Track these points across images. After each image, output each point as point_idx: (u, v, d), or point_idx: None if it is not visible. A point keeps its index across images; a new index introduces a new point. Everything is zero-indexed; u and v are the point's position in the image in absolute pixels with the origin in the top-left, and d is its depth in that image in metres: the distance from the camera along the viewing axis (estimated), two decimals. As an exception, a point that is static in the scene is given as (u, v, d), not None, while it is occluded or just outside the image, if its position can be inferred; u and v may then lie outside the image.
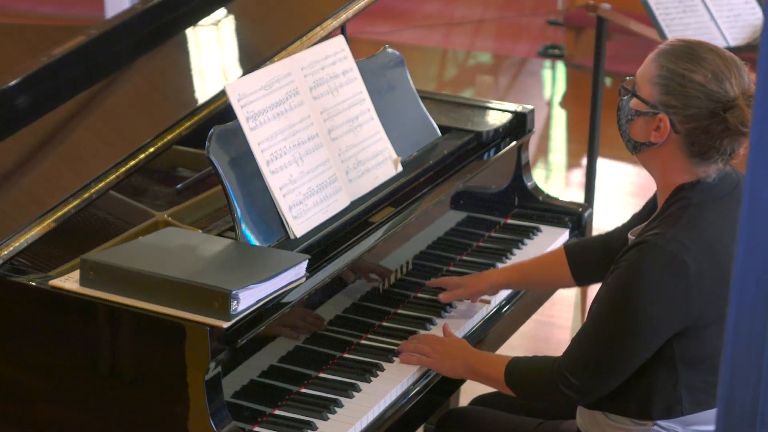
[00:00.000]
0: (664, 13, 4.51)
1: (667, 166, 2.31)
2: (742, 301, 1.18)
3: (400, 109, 2.96)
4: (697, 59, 2.25)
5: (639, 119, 2.31)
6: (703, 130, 2.24)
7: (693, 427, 2.32)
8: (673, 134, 2.26)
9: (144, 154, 2.59)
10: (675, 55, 2.27)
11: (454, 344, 2.56)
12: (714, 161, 2.27)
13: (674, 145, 2.28)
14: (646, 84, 2.30)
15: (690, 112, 2.23)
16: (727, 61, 2.25)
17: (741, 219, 1.17)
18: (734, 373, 1.21)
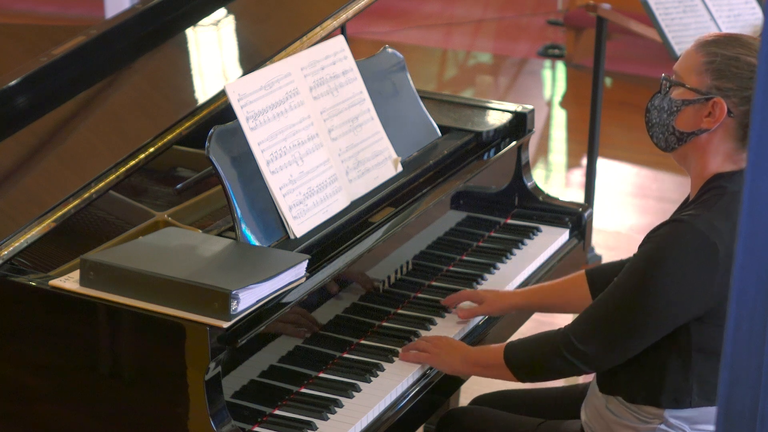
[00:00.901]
0: (664, 13, 4.51)
1: (709, 154, 2.30)
2: (742, 301, 1.18)
3: (400, 109, 2.96)
4: (745, 44, 2.27)
5: (687, 109, 2.30)
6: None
7: (699, 426, 2.32)
8: (726, 118, 2.26)
9: (144, 154, 2.59)
10: (722, 42, 2.28)
11: (451, 341, 2.57)
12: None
13: (725, 131, 2.27)
14: (691, 75, 2.29)
15: (747, 93, 2.24)
16: None
17: (741, 219, 1.17)
18: (734, 373, 1.21)
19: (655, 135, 2.36)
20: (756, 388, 1.20)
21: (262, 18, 3.30)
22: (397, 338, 2.65)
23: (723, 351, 1.21)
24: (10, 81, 2.70)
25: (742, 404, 1.21)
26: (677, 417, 2.31)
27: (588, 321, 2.31)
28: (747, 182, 1.16)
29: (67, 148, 2.68)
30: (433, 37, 8.51)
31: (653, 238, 2.26)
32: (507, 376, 2.43)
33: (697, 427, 2.32)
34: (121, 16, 3.02)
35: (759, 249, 1.16)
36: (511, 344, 2.44)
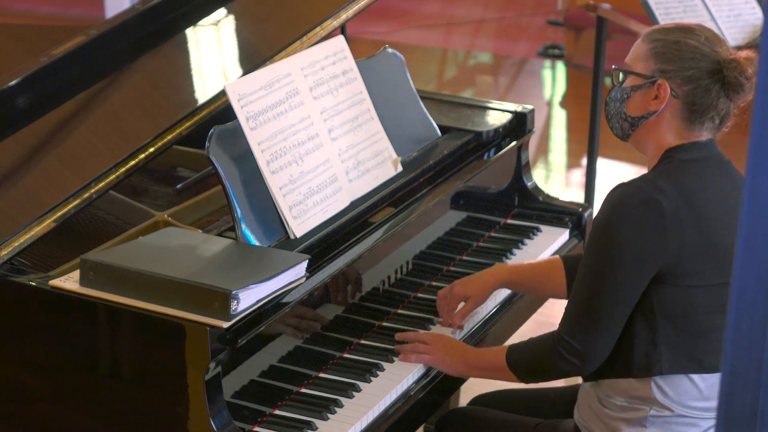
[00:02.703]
0: (664, 13, 4.51)
1: (660, 134, 2.39)
2: (742, 301, 1.18)
3: (400, 109, 2.96)
4: (687, 29, 2.37)
5: (636, 94, 2.39)
6: (703, 89, 2.34)
7: (688, 404, 2.33)
8: (671, 99, 2.35)
9: (144, 154, 2.59)
10: (665, 29, 2.39)
11: (451, 341, 2.57)
12: (710, 123, 2.36)
13: (672, 110, 2.36)
14: (638, 62, 2.39)
15: (688, 73, 2.33)
16: (714, 33, 2.38)
17: (741, 219, 1.17)
18: (734, 373, 1.21)
19: (613, 126, 2.46)
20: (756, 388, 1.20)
21: (262, 18, 3.30)
22: (397, 338, 2.65)
23: (723, 351, 1.21)
24: (10, 81, 2.70)
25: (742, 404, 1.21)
26: (659, 392, 2.32)
27: (571, 315, 2.36)
28: (747, 182, 1.16)
29: (67, 148, 2.68)
30: (433, 37, 8.51)
31: (600, 208, 2.36)
32: (508, 377, 2.45)
33: (688, 404, 2.33)
34: (121, 16, 3.02)
35: (759, 249, 1.16)
36: (513, 347, 2.46)
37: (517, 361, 2.43)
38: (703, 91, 2.33)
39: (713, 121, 2.36)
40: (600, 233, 2.33)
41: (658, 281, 2.30)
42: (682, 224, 2.28)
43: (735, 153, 6.11)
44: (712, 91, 2.33)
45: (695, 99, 2.34)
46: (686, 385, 2.34)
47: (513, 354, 2.44)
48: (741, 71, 2.30)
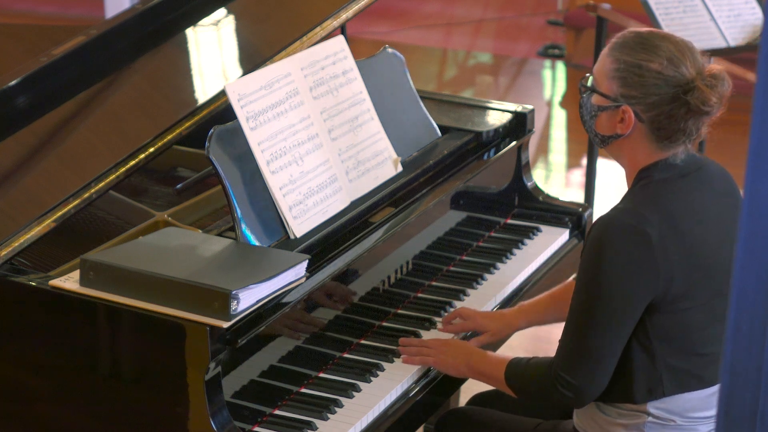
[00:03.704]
0: (664, 13, 4.51)
1: (634, 153, 2.37)
2: (742, 301, 1.18)
3: (400, 109, 2.96)
4: (650, 48, 2.31)
5: (602, 114, 2.37)
6: (666, 115, 2.30)
7: (690, 414, 2.33)
8: (638, 123, 2.32)
9: (144, 154, 2.59)
10: (629, 47, 2.33)
11: (456, 343, 2.57)
12: (681, 143, 2.33)
13: (640, 134, 2.33)
14: (604, 79, 2.35)
15: (651, 99, 2.30)
16: (680, 46, 2.32)
17: (741, 219, 1.17)
18: (734, 373, 1.21)
19: (587, 133, 2.45)
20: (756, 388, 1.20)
21: (262, 18, 3.30)
22: (397, 338, 2.65)
23: (723, 351, 1.21)
24: (10, 81, 2.70)
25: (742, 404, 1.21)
26: (659, 408, 2.32)
27: (566, 350, 2.33)
28: (747, 183, 1.16)
29: (67, 148, 2.68)
30: (433, 37, 8.51)
31: (586, 242, 2.31)
32: (506, 390, 2.44)
33: (689, 415, 2.33)
34: (121, 16, 3.02)
35: (759, 249, 1.16)
36: (513, 366, 2.42)
37: (515, 383, 2.42)
38: (667, 117, 2.29)
39: (683, 144, 2.33)
40: (589, 270, 2.29)
41: (651, 309, 2.28)
42: (669, 251, 2.25)
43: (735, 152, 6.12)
44: (677, 116, 2.29)
45: (660, 124, 2.30)
46: (687, 400, 2.33)
47: (512, 374, 2.42)
48: (703, 100, 2.27)
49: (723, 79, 2.30)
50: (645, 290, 2.26)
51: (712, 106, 2.28)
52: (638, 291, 2.26)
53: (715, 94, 2.28)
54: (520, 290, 2.97)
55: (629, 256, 2.24)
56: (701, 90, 2.26)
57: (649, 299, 2.27)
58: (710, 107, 2.28)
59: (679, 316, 2.29)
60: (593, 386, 2.31)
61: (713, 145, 2.75)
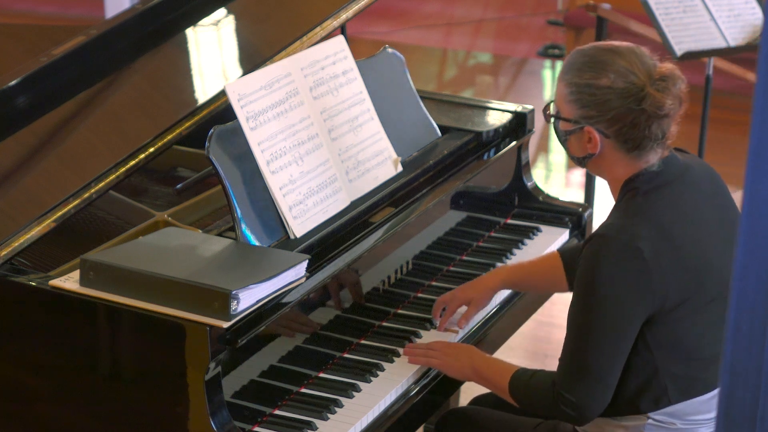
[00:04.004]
0: (664, 13, 4.51)
1: (612, 168, 2.38)
2: (742, 301, 1.18)
3: (400, 109, 2.96)
4: (596, 65, 2.31)
5: (571, 138, 2.39)
6: (628, 126, 2.30)
7: (691, 417, 2.33)
8: (604, 140, 2.33)
9: (144, 154, 2.59)
10: (576, 68, 2.34)
11: (461, 347, 2.57)
12: (651, 149, 2.33)
13: (610, 149, 2.34)
14: (563, 105, 2.37)
15: (609, 115, 2.30)
16: (625, 55, 2.32)
17: (741, 219, 1.17)
18: (734, 373, 1.21)
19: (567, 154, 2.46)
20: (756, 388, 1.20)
21: (262, 18, 3.30)
22: (397, 338, 2.65)
23: (723, 351, 1.21)
24: (10, 81, 2.70)
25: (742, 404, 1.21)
26: (660, 413, 2.32)
27: (566, 370, 2.32)
28: (747, 183, 1.16)
29: (67, 148, 2.68)
30: (433, 37, 8.51)
31: (581, 261, 2.30)
32: (510, 400, 2.44)
33: (689, 419, 2.33)
34: (121, 16, 3.02)
35: (759, 249, 1.16)
36: (516, 379, 2.42)
37: (518, 395, 2.41)
38: (630, 127, 2.30)
39: (654, 150, 2.33)
40: (585, 290, 2.28)
41: (649, 322, 2.28)
42: (663, 264, 2.24)
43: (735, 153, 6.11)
44: (639, 124, 2.29)
45: (626, 136, 2.31)
46: (689, 404, 2.33)
47: (515, 387, 2.41)
48: (658, 105, 2.27)
49: (674, 77, 2.30)
50: (642, 307, 2.25)
51: (668, 108, 2.28)
52: (635, 308, 2.25)
53: (669, 95, 2.28)
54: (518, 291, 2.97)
55: (624, 275, 2.24)
56: (653, 96, 2.27)
57: (646, 315, 2.27)
58: (667, 110, 2.28)
59: (678, 323, 2.29)
60: (595, 404, 2.30)
61: (713, 145, 2.76)
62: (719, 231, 2.37)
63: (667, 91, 2.28)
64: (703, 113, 4.62)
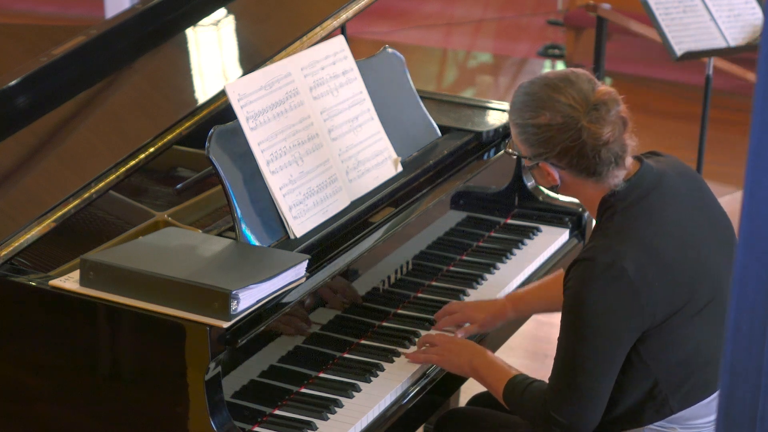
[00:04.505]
0: (664, 13, 4.51)
1: (581, 193, 2.38)
2: (742, 301, 1.18)
3: (400, 109, 2.96)
4: (533, 104, 2.31)
5: (534, 172, 2.39)
6: (577, 156, 2.29)
7: (691, 422, 2.33)
8: (561, 171, 2.33)
9: (144, 154, 2.59)
10: (518, 108, 2.35)
11: (462, 342, 2.57)
12: (610, 171, 2.31)
13: (571, 178, 2.34)
14: (518, 143, 2.38)
15: (556, 151, 2.30)
16: (560, 87, 2.30)
17: (741, 219, 1.17)
18: (734, 373, 1.21)
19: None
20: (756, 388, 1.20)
21: (262, 18, 3.30)
22: (397, 338, 2.65)
23: (723, 351, 1.21)
24: (10, 81, 2.70)
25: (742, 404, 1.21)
26: (670, 420, 2.33)
27: (554, 389, 2.31)
28: (747, 182, 1.16)
29: (67, 148, 2.68)
30: (433, 37, 8.51)
31: (567, 286, 2.29)
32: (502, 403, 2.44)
33: (688, 423, 2.33)
34: (121, 16, 3.02)
35: (759, 249, 1.16)
36: (511, 387, 2.41)
37: (511, 403, 2.41)
38: (579, 157, 2.29)
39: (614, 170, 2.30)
40: (572, 313, 2.27)
41: (642, 340, 2.27)
42: (649, 280, 2.23)
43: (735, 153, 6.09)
44: (587, 154, 2.28)
45: (579, 166, 2.30)
46: (690, 410, 2.33)
47: (509, 394, 2.40)
48: (595, 137, 2.26)
49: (609, 103, 2.28)
50: (632, 327, 2.24)
51: (606, 136, 2.26)
52: (624, 329, 2.24)
53: (605, 124, 2.26)
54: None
55: (611, 297, 2.22)
56: (588, 128, 2.26)
57: (638, 333, 2.26)
58: (606, 138, 2.26)
59: (672, 334, 2.27)
60: (584, 424, 2.30)
61: (713, 145, 2.76)
62: (708, 231, 2.35)
63: (602, 120, 2.26)
64: (703, 113, 4.62)
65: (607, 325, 2.23)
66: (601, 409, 2.29)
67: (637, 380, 2.30)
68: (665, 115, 6.69)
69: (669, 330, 2.27)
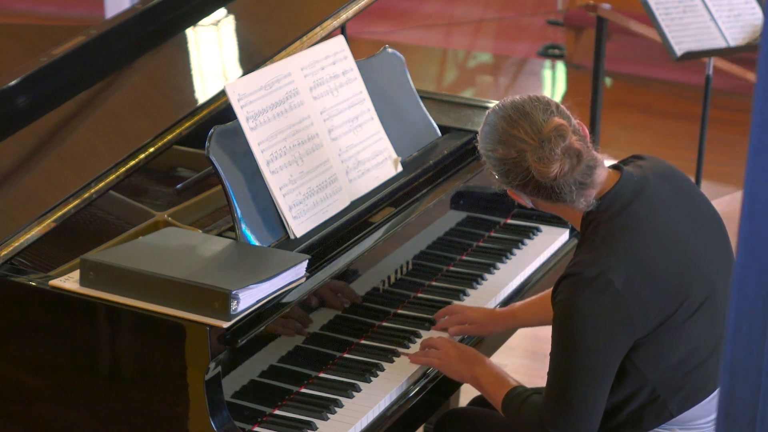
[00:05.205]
0: (664, 13, 4.51)
1: (557, 211, 2.36)
2: (742, 301, 1.18)
3: (400, 109, 2.96)
4: (492, 135, 2.31)
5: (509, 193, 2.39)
6: (537, 187, 2.28)
7: (690, 422, 2.33)
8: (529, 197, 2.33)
9: (144, 154, 2.59)
10: (482, 137, 2.35)
11: (465, 350, 2.55)
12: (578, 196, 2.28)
13: (541, 201, 2.33)
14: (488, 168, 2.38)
15: (516, 182, 2.30)
16: (513, 121, 2.28)
17: (741, 219, 1.17)
18: (734, 373, 1.21)
19: None
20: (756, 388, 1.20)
21: (262, 18, 3.30)
22: (397, 338, 2.65)
23: (723, 351, 1.21)
24: (10, 81, 2.71)
25: (742, 404, 1.21)
26: (670, 422, 2.32)
27: (548, 403, 2.30)
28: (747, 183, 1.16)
29: (67, 148, 2.68)
30: (433, 37, 8.51)
31: (555, 301, 2.28)
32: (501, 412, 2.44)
33: (688, 424, 2.33)
34: (121, 16, 3.02)
35: (759, 249, 1.16)
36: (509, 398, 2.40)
37: (509, 415, 2.40)
38: (537, 188, 2.27)
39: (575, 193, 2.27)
40: (562, 329, 2.26)
41: (634, 348, 2.26)
42: (638, 290, 2.22)
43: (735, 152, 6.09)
44: (544, 185, 2.26)
45: (543, 194, 2.28)
46: (689, 412, 2.33)
47: (507, 405, 2.40)
48: (543, 174, 2.24)
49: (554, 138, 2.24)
50: (622, 339, 2.23)
51: (553, 174, 2.24)
52: (615, 342, 2.23)
53: (551, 162, 2.23)
54: (520, 290, 2.97)
55: (599, 311, 2.21)
56: (535, 168, 2.24)
57: (629, 344, 2.25)
58: (554, 174, 2.24)
59: (665, 339, 2.27)
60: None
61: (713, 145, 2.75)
62: (696, 231, 2.33)
63: (546, 159, 2.23)
64: (703, 113, 4.62)
65: (598, 338, 2.22)
66: (596, 420, 2.28)
67: (633, 388, 2.30)
68: (665, 115, 6.69)
69: (663, 336, 2.26)
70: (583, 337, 2.22)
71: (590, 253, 2.26)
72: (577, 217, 2.33)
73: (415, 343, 2.65)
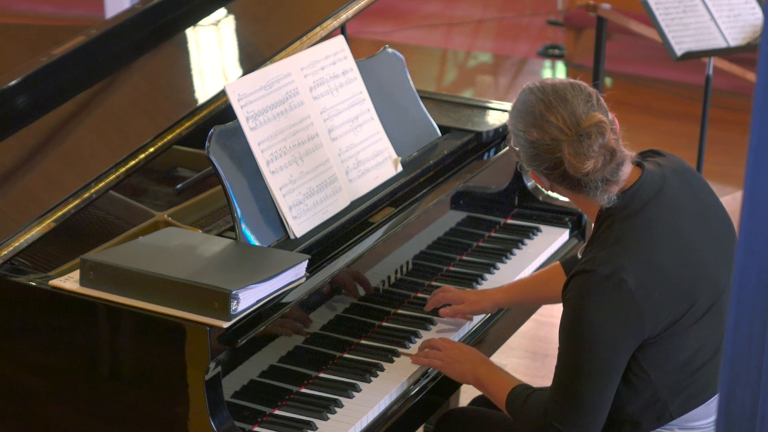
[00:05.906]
0: (664, 13, 4.51)
1: (574, 200, 2.35)
2: (742, 301, 1.18)
3: (400, 109, 2.96)
4: (527, 117, 2.27)
5: (530, 172, 2.35)
6: (562, 175, 2.26)
7: (690, 423, 2.33)
8: (549, 182, 2.30)
9: (144, 154, 2.59)
10: (515, 115, 2.31)
11: (467, 351, 2.55)
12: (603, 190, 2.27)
13: (562, 188, 2.31)
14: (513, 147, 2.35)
15: (543, 166, 2.27)
16: (551, 106, 2.24)
17: (741, 219, 1.17)
18: (734, 373, 1.21)
19: None
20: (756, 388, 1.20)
21: (262, 18, 3.30)
22: (397, 338, 2.65)
23: (723, 351, 1.21)
24: (10, 81, 2.71)
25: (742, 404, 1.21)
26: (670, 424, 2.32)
27: (555, 399, 2.30)
28: (747, 183, 1.16)
29: (67, 148, 2.68)
30: (433, 37, 8.51)
31: (567, 297, 2.27)
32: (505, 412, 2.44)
33: (687, 425, 2.33)
34: (121, 16, 3.02)
35: (759, 249, 1.16)
36: (513, 397, 2.40)
37: (513, 413, 2.40)
38: (563, 176, 2.25)
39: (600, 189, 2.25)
40: (572, 326, 2.25)
41: (641, 349, 2.26)
42: (650, 291, 2.21)
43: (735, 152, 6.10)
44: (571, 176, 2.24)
45: (564, 183, 2.27)
46: (690, 414, 2.33)
47: (511, 404, 2.40)
48: (576, 169, 2.22)
49: (594, 135, 2.21)
50: (631, 339, 2.23)
51: (586, 170, 2.22)
52: (624, 341, 2.23)
53: (587, 159, 2.21)
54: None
55: (610, 309, 2.21)
56: (569, 161, 2.22)
57: (637, 344, 2.25)
58: (586, 172, 2.22)
59: (670, 342, 2.27)
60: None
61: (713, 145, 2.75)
62: (708, 237, 2.33)
63: (583, 155, 2.21)
64: (703, 113, 4.62)
65: (608, 336, 2.22)
66: (602, 418, 2.28)
67: (636, 388, 2.30)
68: (665, 115, 6.69)
69: (668, 338, 2.26)
70: (594, 333, 2.22)
71: (604, 250, 2.25)
72: (594, 210, 2.32)
73: (416, 343, 2.65)
